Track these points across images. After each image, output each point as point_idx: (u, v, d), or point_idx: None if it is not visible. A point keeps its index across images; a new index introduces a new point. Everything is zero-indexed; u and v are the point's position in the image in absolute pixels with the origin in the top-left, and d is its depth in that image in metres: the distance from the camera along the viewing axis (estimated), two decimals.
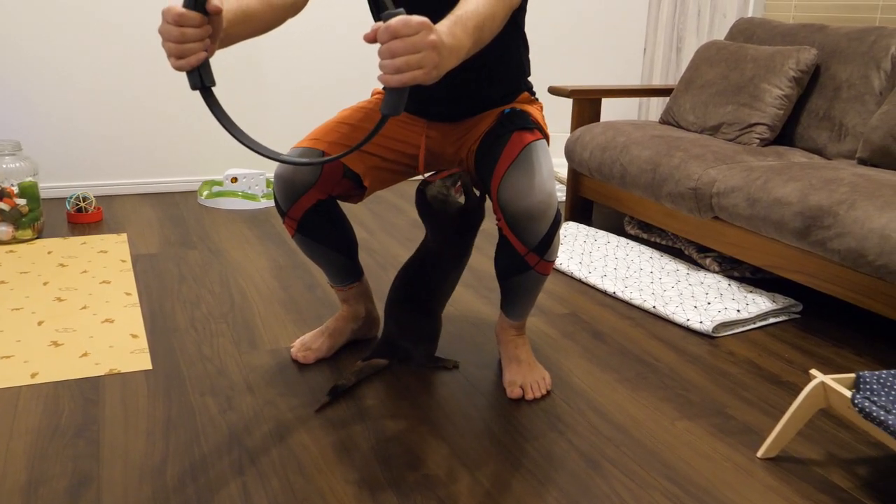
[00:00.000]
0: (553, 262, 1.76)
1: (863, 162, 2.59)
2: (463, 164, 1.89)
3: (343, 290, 2.01)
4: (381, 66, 1.20)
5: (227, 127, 1.33)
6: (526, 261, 1.72)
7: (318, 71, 3.79)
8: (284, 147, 3.83)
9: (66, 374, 1.89)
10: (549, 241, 1.69)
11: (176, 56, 1.27)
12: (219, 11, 1.28)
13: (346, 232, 1.91)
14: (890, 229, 1.99)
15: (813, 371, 1.55)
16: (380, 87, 1.96)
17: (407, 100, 1.82)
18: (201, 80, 1.32)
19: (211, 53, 1.31)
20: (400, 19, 1.17)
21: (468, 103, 1.82)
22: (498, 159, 1.70)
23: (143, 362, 1.96)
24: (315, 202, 1.81)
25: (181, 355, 2.01)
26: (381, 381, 1.90)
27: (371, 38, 1.18)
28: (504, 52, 1.77)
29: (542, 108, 1.93)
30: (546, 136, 1.83)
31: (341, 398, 1.81)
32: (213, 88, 3.34)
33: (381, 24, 1.18)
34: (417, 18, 1.17)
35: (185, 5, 1.26)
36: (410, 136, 1.87)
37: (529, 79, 2.14)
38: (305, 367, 1.96)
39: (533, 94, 1.91)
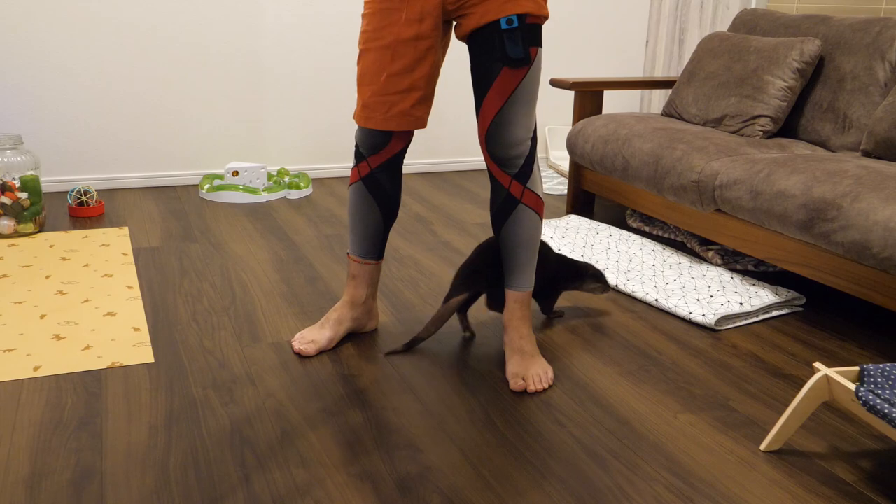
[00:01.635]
0: (539, 196, 1.88)
1: (867, 154, 2.58)
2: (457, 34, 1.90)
3: (360, 262, 2.03)
4: None
5: None
6: (512, 194, 1.85)
7: (316, 63, 3.78)
8: (283, 136, 3.82)
9: (68, 368, 1.89)
10: (529, 168, 1.85)
11: None
12: None
13: (397, 200, 2.03)
14: (895, 222, 1.99)
15: (816, 364, 1.55)
16: None
17: None
18: None
19: None
20: None
21: None
22: (485, 96, 1.82)
23: (145, 355, 1.96)
24: (396, 152, 1.94)
25: (183, 348, 2.00)
26: (383, 374, 1.90)
27: None
28: None
29: None
30: (543, 17, 1.81)
31: (337, 392, 1.81)
32: (214, 76, 3.32)
33: None
34: None
35: None
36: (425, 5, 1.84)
37: None
38: (307, 359, 1.96)
39: None
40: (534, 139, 1.87)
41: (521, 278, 1.92)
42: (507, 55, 1.78)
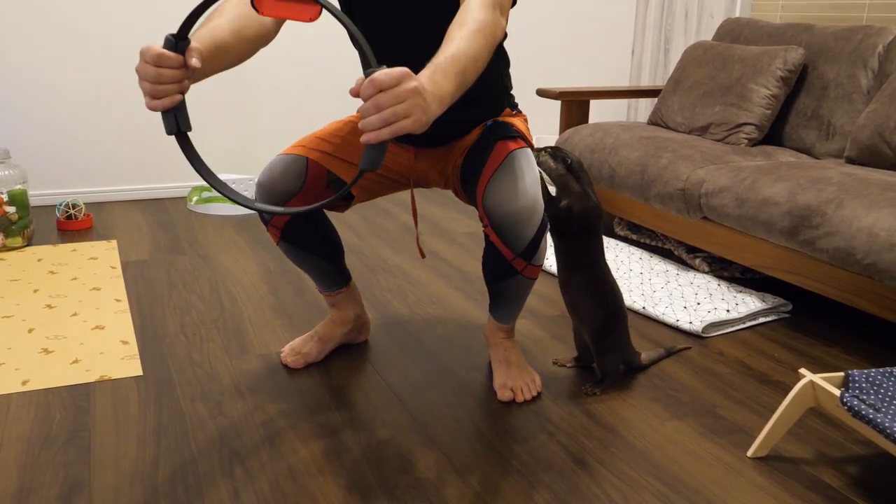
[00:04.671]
0: (541, 266, 1.76)
1: (851, 161, 2.60)
2: (449, 181, 1.90)
3: (331, 295, 2.01)
4: (365, 124, 1.17)
5: (204, 175, 1.32)
6: (513, 266, 1.73)
7: (305, 74, 3.79)
8: (272, 148, 3.83)
9: (56, 381, 1.88)
10: (535, 246, 1.69)
11: (151, 96, 1.26)
12: (196, 69, 1.28)
13: (331, 238, 1.92)
14: (878, 228, 2.01)
15: (802, 370, 1.56)
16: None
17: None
18: (177, 124, 1.30)
19: (185, 90, 1.31)
20: (383, 72, 1.16)
21: (454, 127, 1.84)
22: (483, 167, 1.71)
23: (134, 368, 1.95)
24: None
25: (171, 361, 2.00)
26: (372, 385, 1.90)
27: (356, 93, 1.18)
28: (487, 74, 1.77)
29: (525, 120, 1.94)
30: (531, 146, 1.84)
31: (326, 404, 1.81)
32: (202, 88, 3.33)
33: (363, 78, 1.17)
34: (398, 70, 1.17)
35: (165, 46, 1.25)
36: (399, 161, 1.89)
37: (512, 93, 2.18)
38: (295, 371, 1.96)
39: (514, 107, 1.92)
40: (543, 221, 1.69)
41: (507, 316, 1.88)
42: (497, 133, 1.76)
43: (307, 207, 1.27)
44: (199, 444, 1.63)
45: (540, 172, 1.77)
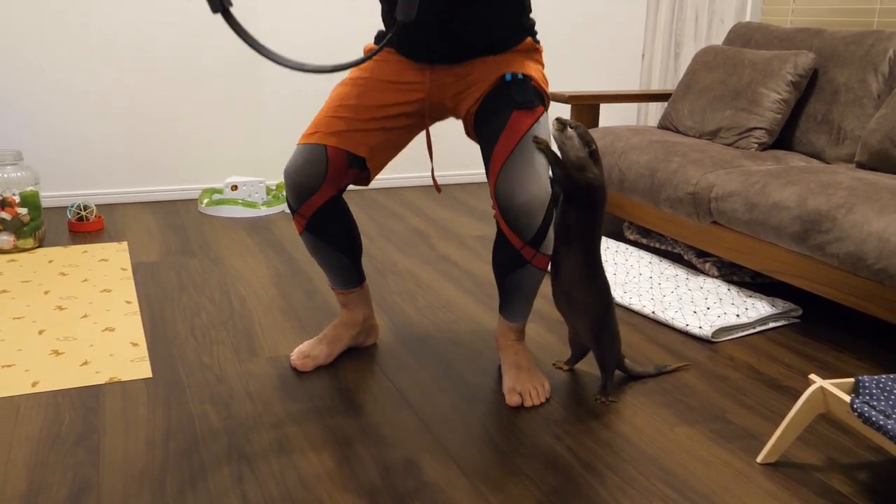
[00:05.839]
0: (548, 256, 1.79)
1: (861, 166, 2.59)
2: (461, 113, 1.88)
3: (344, 293, 2.02)
4: None
5: (252, 45, 1.38)
6: (522, 255, 1.76)
7: (313, 77, 3.80)
8: (282, 150, 3.84)
9: (66, 383, 1.89)
10: (543, 234, 1.73)
11: None
12: None
13: (353, 234, 1.95)
14: (889, 233, 2.00)
15: (812, 376, 1.55)
16: (371, 43, 1.95)
17: (408, 39, 1.82)
18: (221, 2, 1.37)
19: None
20: None
21: (470, 39, 1.79)
22: (496, 143, 1.74)
23: (143, 370, 1.96)
24: (327, 199, 1.85)
25: (181, 363, 2.01)
26: (380, 389, 1.90)
27: None
28: None
29: (541, 52, 1.92)
30: (546, 98, 1.85)
31: (335, 407, 1.81)
32: (213, 91, 3.36)
33: None
34: None
35: None
36: (413, 77, 1.85)
37: (532, 17, 2.14)
38: (304, 374, 1.97)
39: (535, 35, 1.89)
40: (550, 209, 1.74)
41: (517, 314, 1.89)
42: (514, 99, 1.76)
43: (348, 63, 1.39)
44: (207, 446, 1.63)
45: (554, 138, 1.79)
